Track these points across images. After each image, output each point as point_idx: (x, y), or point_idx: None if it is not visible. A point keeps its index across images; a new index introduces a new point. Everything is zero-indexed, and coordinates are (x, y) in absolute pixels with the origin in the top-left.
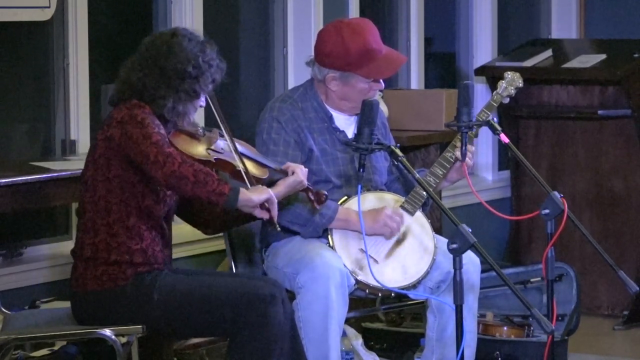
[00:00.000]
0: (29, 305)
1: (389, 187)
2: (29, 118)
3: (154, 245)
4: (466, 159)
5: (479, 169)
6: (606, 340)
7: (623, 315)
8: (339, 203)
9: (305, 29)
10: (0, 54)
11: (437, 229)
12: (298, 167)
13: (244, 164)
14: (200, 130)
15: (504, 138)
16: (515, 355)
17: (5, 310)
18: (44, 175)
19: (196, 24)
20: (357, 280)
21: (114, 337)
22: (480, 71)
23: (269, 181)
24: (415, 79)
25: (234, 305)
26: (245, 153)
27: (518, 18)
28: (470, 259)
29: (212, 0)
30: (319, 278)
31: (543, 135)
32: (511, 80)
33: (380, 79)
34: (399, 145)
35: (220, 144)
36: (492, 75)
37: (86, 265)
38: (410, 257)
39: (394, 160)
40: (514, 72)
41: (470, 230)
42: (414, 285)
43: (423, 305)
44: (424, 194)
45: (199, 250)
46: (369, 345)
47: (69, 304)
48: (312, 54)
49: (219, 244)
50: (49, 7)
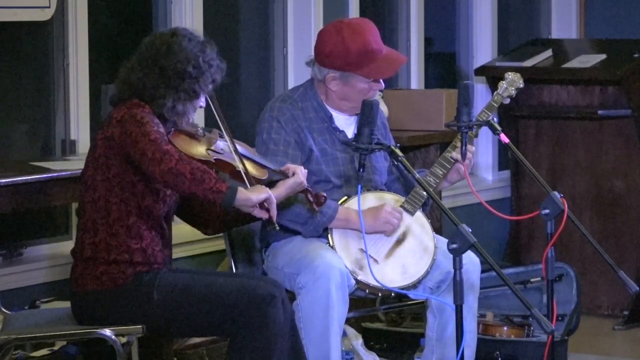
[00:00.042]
0: (29, 305)
1: (389, 187)
2: (29, 118)
3: (154, 245)
4: (466, 159)
5: (479, 169)
6: (606, 340)
7: (623, 315)
8: (338, 203)
9: (305, 29)
10: (0, 54)
11: (437, 229)
12: (298, 168)
13: (243, 164)
14: (200, 130)
15: (504, 138)
16: (515, 355)
17: (5, 310)
18: (44, 175)
19: (196, 24)
20: (357, 280)
21: (114, 337)
22: (480, 71)
23: (268, 182)
24: (415, 79)
25: (233, 305)
26: (244, 154)
27: (518, 18)
28: (470, 259)
29: (212, 0)
30: (319, 278)
31: (543, 135)
32: (512, 81)
33: (380, 79)
34: (399, 145)
35: (220, 144)
36: (492, 75)
37: (86, 265)
38: (410, 257)
39: (394, 160)
40: (515, 73)
41: (470, 230)
42: (414, 285)
43: (423, 305)
44: (424, 194)
45: (199, 250)
46: (369, 345)
47: (69, 304)
48: (312, 54)
49: (219, 244)
50: (49, 7)
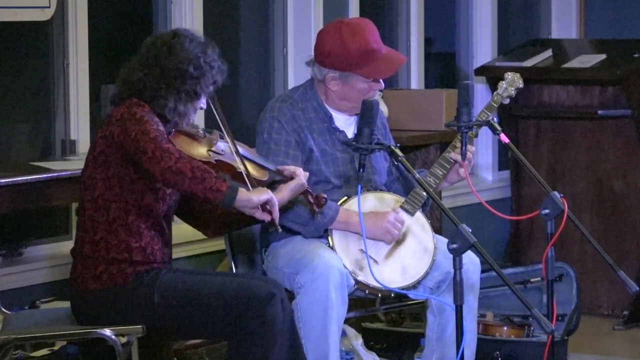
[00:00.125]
0: (29, 305)
1: (389, 188)
2: (29, 118)
3: (154, 244)
4: (466, 160)
5: (479, 169)
6: (606, 340)
7: (623, 315)
8: (338, 203)
9: (305, 29)
10: (0, 54)
11: (437, 229)
12: (298, 170)
13: (244, 165)
14: (201, 131)
15: (504, 138)
16: (515, 355)
17: (5, 310)
18: (44, 175)
19: (196, 24)
20: (357, 281)
21: (114, 337)
22: (480, 71)
23: (269, 183)
24: (415, 79)
25: (233, 305)
26: (245, 155)
27: (518, 18)
28: (470, 259)
29: (212, 0)
30: (318, 278)
31: (543, 135)
32: (511, 81)
33: (380, 79)
34: (398, 145)
35: (221, 145)
36: (492, 75)
37: (85, 264)
38: (410, 258)
39: (394, 160)
40: (514, 73)
41: (470, 230)
42: (414, 286)
43: (423, 305)
44: (424, 194)
45: (199, 250)
46: (369, 345)
47: (69, 304)
48: (312, 54)
49: (219, 244)
50: (49, 7)
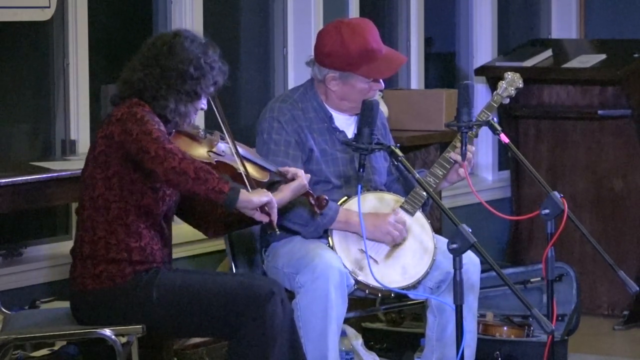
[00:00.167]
0: (29, 305)
1: (388, 188)
2: (29, 118)
3: (153, 244)
4: (466, 160)
5: (479, 169)
6: (606, 340)
7: (623, 315)
8: (338, 203)
9: (305, 29)
10: (0, 54)
11: (437, 229)
12: (299, 171)
13: (245, 167)
14: (202, 132)
15: (504, 138)
16: (515, 355)
17: (5, 310)
18: (44, 175)
19: (196, 24)
20: (357, 281)
21: (114, 337)
22: (480, 71)
23: (269, 184)
24: (415, 79)
25: (232, 303)
26: (246, 156)
27: (518, 18)
28: (470, 259)
29: (212, 0)
30: (318, 278)
31: (543, 135)
32: (511, 81)
33: (380, 79)
34: (398, 145)
35: (222, 146)
36: (492, 75)
37: (85, 263)
38: (410, 258)
39: (394, 160)
40: (514, 73)
41: (470, 230)
42: (414, 286)
43: (423, 305)
44: (424, 194)
45: (199, 250)
46: (369, 345)
47: (68, 304)
48: (312, 54)
49: (219, 244)
50: (49, 7)
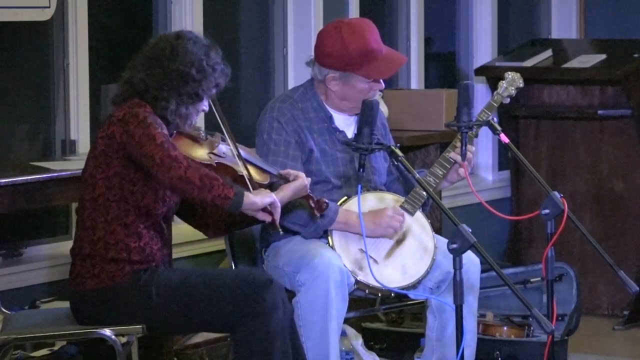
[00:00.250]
0: (29, 305)
1: (388, 188)
2: (29, 118)
3: (153, 244)
4: (466, 159)
5: (479, 169)
6: (606, 340)
7: (623, 315)
8: (338, 203)
9: (305, 29)
10: (0, 54)
11: (437, 229)
12: (300, 173)
13: (246, 168)
14: (203, 134)
15: (504, 138)
16: (515, 355)
17: (5, 310)
18: (44, 175)
19: (196, 24)
20: (357, 281)
21: (114, 337)
22: (480, 71)
23: (270, 186)
24: (415, 79)
25: (231, 294)
26: (246, 158)
27: (518, 18)
28: (470, 259)
29: (212, 0)
30: (318, 276)
31: (543, 135)
32: (512, 81)
33: (381, 79)
34: (399, 145)
35: (222, 148)
36: (492, 75)
37: (84, 263)
38: (410, 257)
39: (394, 160)
40: (515, 72)
41: (470, 230)
42: (414, 286)
43: (423, 305)
44: (424, 194)
45: (199, 250)
46: (369, 345)
47: (68, 304)
48: (312, 54)
49: (219, 244)
50: (49, 7)
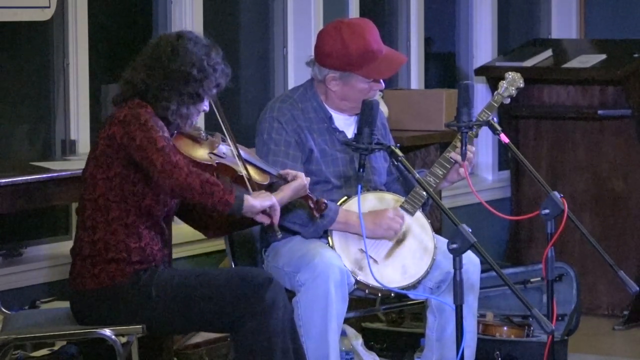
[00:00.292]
0: (29, 305)
1: (388, 188)
2: (29, 118)
3: (153, 245)
4: (466, 159)
5: (479, 169)
6: (606, 340)
7: (623, 315)
8: (338, 203)
9: (305, 29)
10: (0, 54)
11: (437, 229)
12: (299, 173)
13: (246, 169)
14: (203, 134)
15: (504, 138)
16: (515, 355)
17: (5, 310)
18: (44, 175)
19: (196, 24)
20: (357, 281)
21: (114, 337)
22: (480, 71)
23: (269, 186)
24: (415, 79)
25: (231, 295)
26: (246, 158)
27: (518, 18)
28: (470, 259)
29: (212, 0)
30: (318, 276)
31: (543, 135)
32: (512, 81)
33: (381, 79)
34: (399, 145)
35: (223, 148)
36: (492, 75)
37: (84, 263)
38: (410, 257)
39: (394, 160)
40: (515, 73)
41: (470, 230)
42: (414, 286)
43: (423, 305)
44: (424, 194)
45: (199, 250)
46: (369, 345)
47: (68, 304)
48: (312, 54)
49: (219, 244)
50: (49, 7)
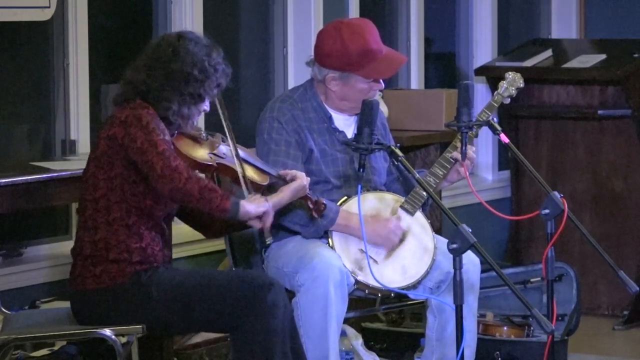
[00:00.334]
0: (29, 305)
1: (388, 188)
2: (29, 118)
3: (154, 245)
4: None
5: (479, 169)
6: (606, 340)
7: (623, 315)
8: (338, 203)
9: (305, 29)
10: (0, 54)
11: (437, 229)
12: (300, 173)
13: (244, 169)
14: (204, 134)
15: (504, 138)
16: (515, 355)
17: (5, 310)
18: (44, 175)
19: (196, 24)
20: (357, 281)
21: (114, 337)
22: (480, 71)
23: (269, 187)
24: (415, 79)
25: (232, 297)
26: (246, 159)
27: (518, 18)
28: (470, 259)
29: (212, 0)
30: (318, 277)
31: (543, 135)
32: (512, 81)
33: (380, 79)
34: (399, 145)
35: (223, 149)
36: (492, 75)
37: (85, 263)
38: (410, 257)
39: (394, 160)
40: (515, 73)
41: (470, 230)
42: (414, 286)
43: (423, 305)
44: (424, 194)
45: (199, 250)
46: (369, 345)
47: (69, 304)
48: (312, 54)
49: (219, 244)
50: (49, 7)
